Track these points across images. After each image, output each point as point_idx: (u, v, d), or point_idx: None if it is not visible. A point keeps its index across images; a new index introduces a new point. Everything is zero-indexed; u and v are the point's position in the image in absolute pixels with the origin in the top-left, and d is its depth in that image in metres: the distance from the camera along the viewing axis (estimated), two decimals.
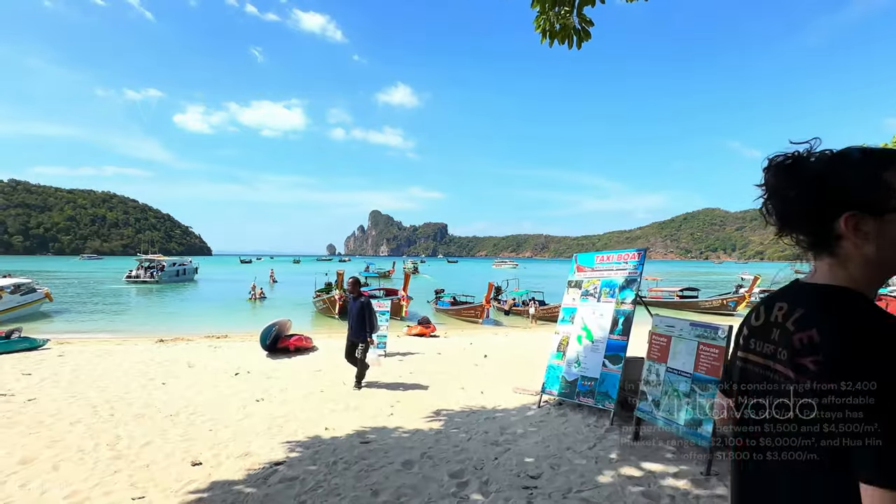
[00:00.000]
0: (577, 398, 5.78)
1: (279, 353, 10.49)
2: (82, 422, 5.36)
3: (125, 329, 17.72)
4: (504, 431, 5.29)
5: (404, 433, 5.29)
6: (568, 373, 6.00)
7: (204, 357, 10.11)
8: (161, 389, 7.02)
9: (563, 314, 6.48)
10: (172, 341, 13.27)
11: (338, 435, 5.19)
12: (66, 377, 7.84)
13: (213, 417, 5.64)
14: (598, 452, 4.53)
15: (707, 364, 4.20)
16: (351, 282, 7.64)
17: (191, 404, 6.17)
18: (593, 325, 5.99)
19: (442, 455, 4.57)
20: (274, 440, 4.95)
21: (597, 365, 5.71)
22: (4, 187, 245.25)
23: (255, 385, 7.40)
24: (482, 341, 13.50)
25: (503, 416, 5.86)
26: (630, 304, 5.73)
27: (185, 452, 4.51)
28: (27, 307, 20.70)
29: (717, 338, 4.19)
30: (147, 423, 5.38)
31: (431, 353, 10.97)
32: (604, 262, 6.31)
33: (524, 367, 9.13)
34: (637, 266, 5.89)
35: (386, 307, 10.95)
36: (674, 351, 4.58)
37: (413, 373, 8.54)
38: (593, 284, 6.28)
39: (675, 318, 4.77)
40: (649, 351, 4.86)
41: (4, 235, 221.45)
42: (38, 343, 11.32)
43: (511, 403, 6.43)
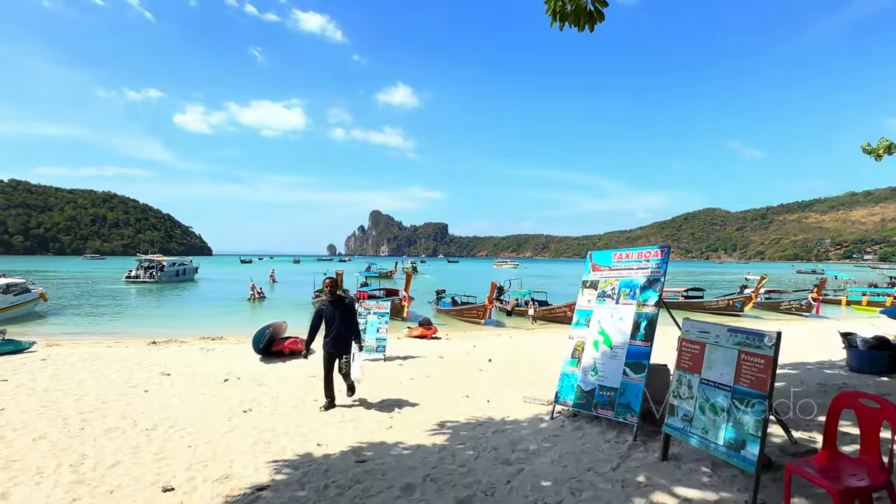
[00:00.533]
0: (594, 410, 5.26)
1: (273, 356, 9.98)
2: (48, 437, 4.85)
3: (119, 330, 17.25)
4: (515, 447, 4.77)
5: (405, 450, 4.77)
6: (584, 381, 5.47)
7: (194, 361, 9.61)
8: (142, 398, 6.51)
9: (578, 317, 5.96)
10: (165, 343, 12.79)
11: (331, 452, 4.67)
12: (44, 384, 7.34)
13: (194, 431, 5.12)
14: (624, 474, 4.01)
15: (751, 376, 3.68)
16: (328, 283, 6.24)
17: (171, 416, 5.66)
18: (612, 330, 5.47)
19: (447, 477, 4.05)
20: (259, 459, 4.43)
21: (616, 373, 5.19)
22: (5, 187, 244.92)
23: (244, 393, 6.89)
24: (485, 343, 12.98)
25: (513, 429, 5.35)
26: (653, 306, 5.20)
27: (157, 475, 3.99)
28: (21, 307, 20.23)
29: (763, 346, 3.66)
30: (119, 438, 4.86)
31: (433, 356, 10.46)
32: (622, 261, 5.78)
33: (532, 372, 8.61)
34: (660, 264, 5.36)
35: (385, 308, 10.43)
36: (709, 360, 4.05)
37: (414, 379, 8.03)
38: (611, 285, 5.75)
39: (709, 323, 4.23)
40: (679, 359, 4.34)
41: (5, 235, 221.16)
42: (23, 346, 10.84)
43: (521, 414, 5.91)
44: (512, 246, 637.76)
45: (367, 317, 10.27)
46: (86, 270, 67.20)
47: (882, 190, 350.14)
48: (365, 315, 10.30)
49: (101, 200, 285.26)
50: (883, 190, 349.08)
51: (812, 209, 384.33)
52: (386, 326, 10.16)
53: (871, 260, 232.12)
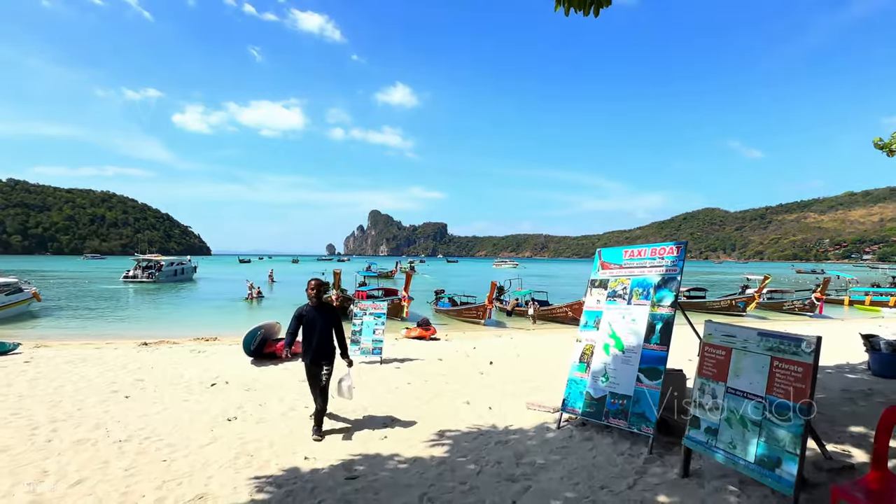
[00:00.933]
0: (605, 419, 4.86)
1: (265, 359, 9.57)
2: (10, 450, 4.45)
3: (111, 331, 16.85)
4: (520, 461, 4.38)
5: (400, 463, 4.38)
6: (594, 388, 5.08)
7: (182, 364, 9.20)
8: (121, 405, 6.10)
9: (586, 318, 5.57)
10: (156, 345, 12.39)
11: (319, 466, 4.27)
12: (20, 389, 6.93)
13: (171, 443, 4.72)
14: (643, 494, 3.62)
15: (786, 385, 3.29)
16: (314, 284, 5.28)
17: (149, 425, 5.25)
18: (623, 332, 5.08)
19: (446, 496, 3.66)
20: (240, 475, 4.03)
21: (629, 380, 4.80)
22: (3, 187, 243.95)
23: (230, 399, 6.48)
24: (486, 345, 12.59)
25: (518, 440, 4.95)
26: (669, 307, 4.82)
27: (124, 495, 3.59)
28: (13, 307, 19.83)
29: (801, 352, 3.27)
30: (88, 451, 4.45)
31: (432, 359, 10.06)
32: (634, 258, 5.39)
33: (535, 375, 8.22)
34: (676, 262, 4.98)
35: (382, 309, 10.03)
36: (736, 367, 3.66)
37: (411, 383, 7.63)
38: (622, 284, 5.36)
39: (735, 326, 3.84)
40: (701, 366, 3.95)
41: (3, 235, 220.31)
42: (7, 347, 10.44)
43: (525, 423, 5.51)
44: (511, 246, 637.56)
45: (364, 317, 9.87)
46: (84, 270, 66.71)
47: (881, 190, 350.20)
48: (361, 315, 9.90)
49: (99, 200, 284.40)
50: (881, 190, 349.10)
51: (811, 209, 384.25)
52: (383, 328, 9.76)
53: (870, 260, 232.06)
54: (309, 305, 5.23)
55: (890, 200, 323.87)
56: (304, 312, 5.18)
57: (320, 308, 5.24)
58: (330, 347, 5.24)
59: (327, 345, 5.21)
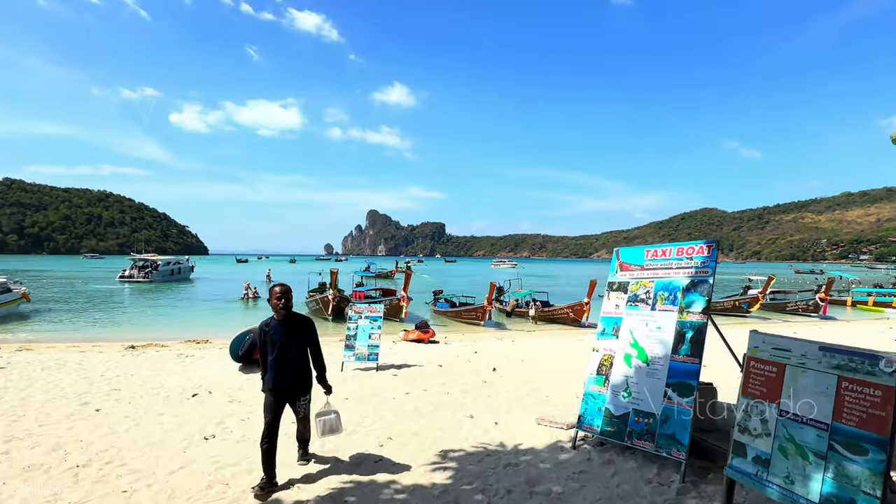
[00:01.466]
0: (628, 440, 4.31)
1: (254, 365, 8.98)
2: None
3: (100, 333, 16.26)
4: (534, 489, 3.84)
5: (398, 493, 3.83)
6: (614, 404, 4.54)
7: (165, 370, 8.62)
8: (89, 420, 5.52)
9: (604, 325, 5.02)
10: (143, 348, 11.81)
11: (304, 498, 3.72)
12: None
13: (136, 468, 4.14)
14: None
15: (860, 412, 2.74)
16: (277, 292, 3.95)
17: (114, 445, 4.67)
18: (647, 341, 4.53)
19: None
20: None
21: (656, 396, 4.25)
22: None
23: (210, 412, 5.91)
24: (487, 348, 12.04)
25: (529, 462, 4.40)
26: (700, 313, 4.27)
27: None
28: (1, 308, 19.21)
29: (879, 371, 2.72)
30: (38, 479, 3.88)
31: (431, 364, 9.50)
32: (658, 258, 4.84)
33: (542, 383, 7.68)
34: (707, 262, 4.43)
35: (378, 312, 9.46)
36: (793, 387, 3.12)
37: (409, 393, 7.06)
38: (644, 287, 4.81)
39: (788, 338, 3.30)
40: (746, 384, 3.40)
41: None
42: None
43: (536, 441, 4.96)
44: (509, 246, 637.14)
45: (359, 321, 9.31)
46: (79, 270, 65.91)
47: (877, 190, 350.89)
48: (356, 319, 9.33)
49: (96, 199, 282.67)
50: (878, 190, 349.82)
51: (808, 209, 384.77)
52: (379, 332, 9.19)
53: (868, 260, 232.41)
54: (274, 319, 3.99)
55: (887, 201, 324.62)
56: (266, 328, 3.96)
57: (289, 322, 3.99)
58: (304, 373, 4.08)
59: (300, 371, 4.03)
